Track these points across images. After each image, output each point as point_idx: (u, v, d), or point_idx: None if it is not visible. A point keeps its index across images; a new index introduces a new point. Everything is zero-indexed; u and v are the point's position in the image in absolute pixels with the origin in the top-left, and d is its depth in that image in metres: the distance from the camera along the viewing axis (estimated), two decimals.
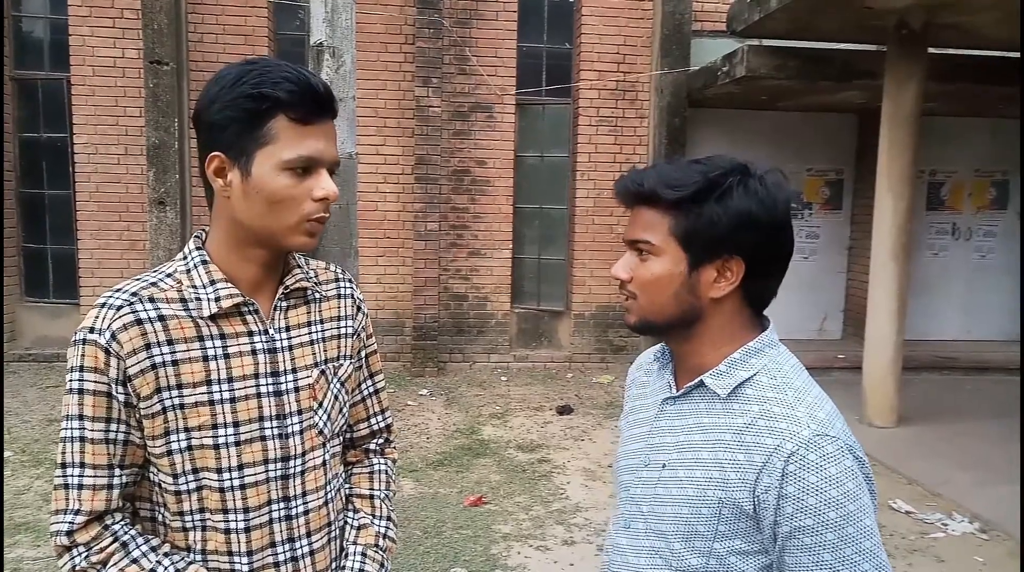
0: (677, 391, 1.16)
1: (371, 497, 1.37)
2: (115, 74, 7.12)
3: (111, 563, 1.08)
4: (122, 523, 1.11)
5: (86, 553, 1.08)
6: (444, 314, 7.60)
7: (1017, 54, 6.07)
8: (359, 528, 1.32)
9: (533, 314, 7.93)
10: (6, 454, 4.76)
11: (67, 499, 1.08)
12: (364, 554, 1.29)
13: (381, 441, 1.42)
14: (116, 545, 1.09)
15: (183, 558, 1.13)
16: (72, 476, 1.08)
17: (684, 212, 1.07)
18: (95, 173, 7.22)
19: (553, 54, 7.85)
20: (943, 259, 8.77)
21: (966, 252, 8.82)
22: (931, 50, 5.73)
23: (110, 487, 1.09)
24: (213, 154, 1.09)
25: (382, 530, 1.35)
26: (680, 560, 1.10)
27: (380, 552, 1.32)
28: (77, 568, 1.08)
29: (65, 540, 1.08)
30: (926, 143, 6.94)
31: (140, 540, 1.11)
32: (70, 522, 1.08)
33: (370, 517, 1.35)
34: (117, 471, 1.10)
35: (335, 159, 1.14)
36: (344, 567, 1.27)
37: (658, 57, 7.43)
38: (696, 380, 1.12)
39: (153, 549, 1.11)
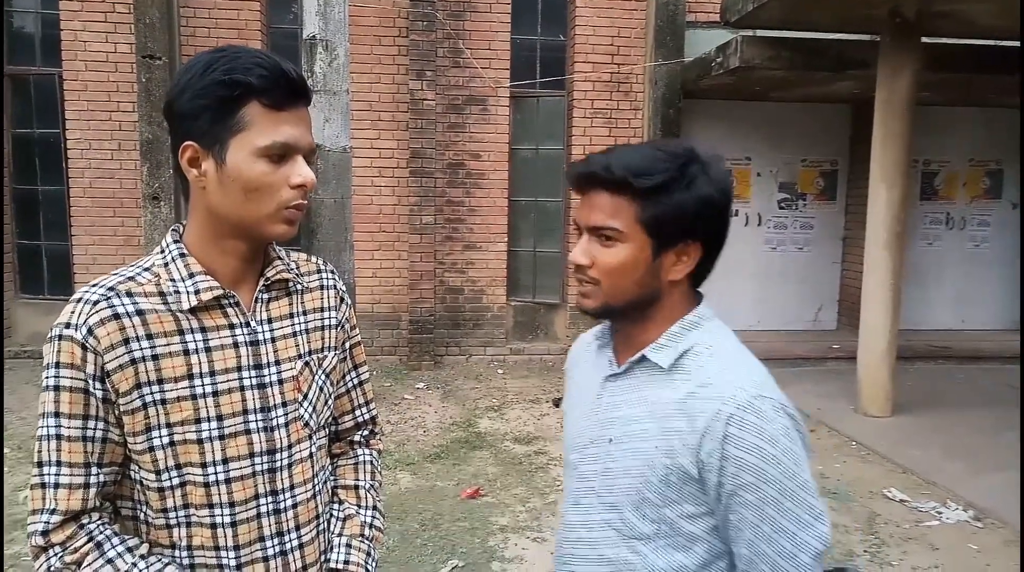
0: (618, 368, 1.20)
1: (356, 488, 1.36)
2: (107, 69, 7.09)
3: (85, 563, 1.06)
4: (99, 523, 1.09)
5: (60, 553, 1.05)
6: (440, 307, 7.61)
7: (1011, 43, 6.08)
8: (344, 519, 1.32)
9: (529, 307, 7.94)
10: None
11: (43, 498, 1.06)
12: (349, 544, 1.29)
13: (366, 433, 1.42)
14: (90, 545, 1.06)
15: (160, 559, 1.11)
16: (48, 475, 1.06)
17: (653, 200, 1.09)
18: (88, 169, 7.20)
19: (547, 46, 7.84)
20: (937, 249, 8.81)
21: (960, 242, 8.85)
22: (924, 39, 5.73)
23: (87, 486, 1.07)
24: (186, 144, 1.08)
25: (368, 520, 1.34)
26: (632, 529, 1.14)
27: (366, 542, 1.31)
28: (52, 569, 1.06)
29: (40, 540, 1.05)
30: (920, 133, 6.96)
31: (116, 540, 1.09)
32: (45, 522, 1.05)
33: (355, 508, 1.34)
34: (95, 469, 1.08)
35: (311, 146, 1.13)
36: (330, 559, 1.26)
37: (652, 48, 7.42)
38: (638, 355, 1.16)
39: (129, 550, 1.09)
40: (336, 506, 1.33)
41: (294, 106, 1.09)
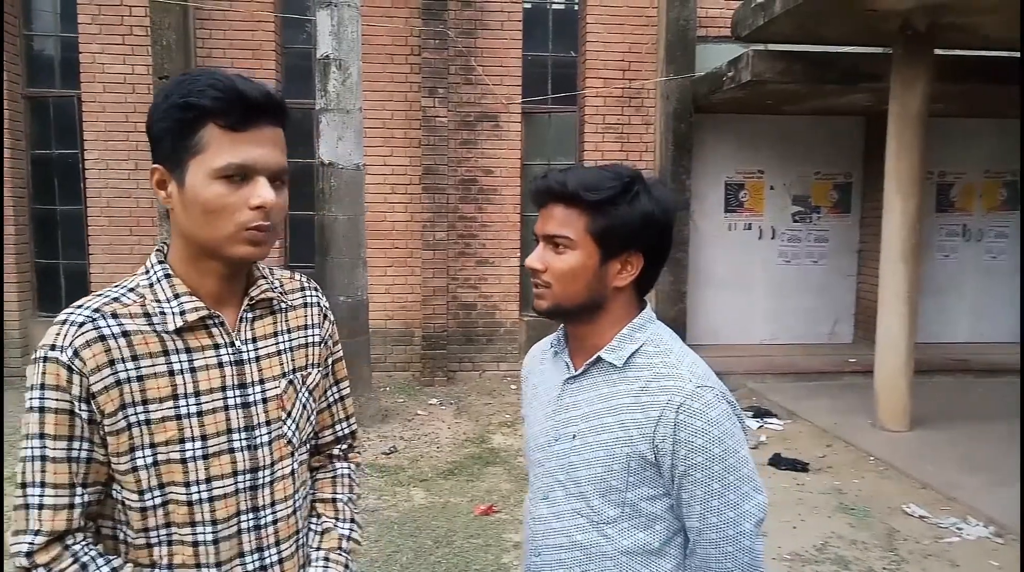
0: (576, 370, 1.33)
1: (333, 501, 1.37)
2: (125, 90, 7.20)
3: None
4: (83, 544, 1.09)
5: None
6: (453, 323, 7.62)
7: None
8: (322, 533, 1.32)
9: (542, 322, 7.92)
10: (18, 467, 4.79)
11: (27, 519, 1.06)
12: (327, 558, 1.29)
13: (344, 447, 1.43)
14: (75, 567, 1.06)
15: None
16: (32, 496, 1.06)
17: (601, 212, 1.23)
18: (106, 188, 7.29)
19: (558, 62, 7.88)
20: (954, 261, 8.72)
21: (977, 253, 8.77)
22: (937, 51, 5.71)
23: (71, 507, 1.07)
24: (153, 166, 1.10)
25: (345, 532, 1.35)
26: (599, 514, 1.27)
27: (344, 554, 1.32)
28: None
29: (24, 561, 1.05)
30: (934, 145, 6.93)
31: (101, 561, 1.09)
32: (30, 543, 1.05)
33: (333, 521, 1.34)
34: (79, 490, 1.08)
35: (277, 166, 1.11)
36: None
37: (663, 63, 7.45)
38: (594, 357, 1.30)
39: (114, 571, 1.09)
40: (314, 520, 1.33)
41: (256, 127, 1.08)
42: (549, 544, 1.34)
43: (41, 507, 1.06)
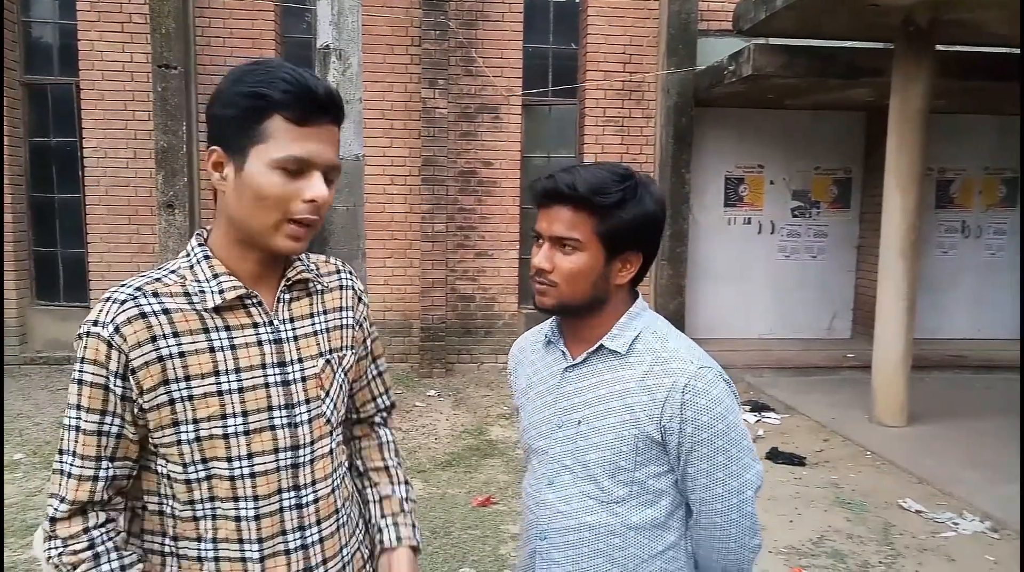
0: (575, 359, 1.38)
1: (386, 468, 1.43)
2: (124, 78, 7.17)
3: (80, 569, 1.10)
4: (103, 531, 1.13)
5: (61, 550, 1.11)
6: (451, 315, 7.62)
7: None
8: (382, 500, 1.40)
9: (540, 315, 7.91)
10: (17, 456, 4.80)
11: (59, 484, 1.12)
12: (396, 523, 1.37)
13: (385, 415, 1.49)
14: (89, 554, 1.11)
15: None
16: (65, 463, 1.12)
17: (609, 215, 1.27)
18: (104, 177, 7.26)
19: (559, 55, 7.85)
20: (953, 257, 8.73)
21: (976, 250, 8.77)
22: (938, 47, 5.70)
23: (95, 479, 1.11)
24: (212, 148, 1.13)
25: (403, 495, 1.42)
26: (609, 494, 1.33)
27: (408, 515, 1.40)
28: (52, 560, 1.11)
29: (47, 527, 1.12)
30: (935, 141, 6.92)
31: (114, 556, 1.12)
32: (55, 508, 1.11)
33: (390, 486, 1.42)
34: (105, 463, 1.12)
35: (332, 163, 1.14)
36: (382, 540, 1.35)
37: (664, 57, 7.42)
38: (596, 345, 1.35)
39: (124, 568, 1.13)
40: (370, 490, 1.41)
41: (318, 123, 1.11)
42: (556, 527, 1.37)
43: (69, 475, 1.12)
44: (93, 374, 1.09)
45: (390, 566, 1.34)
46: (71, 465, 1.11)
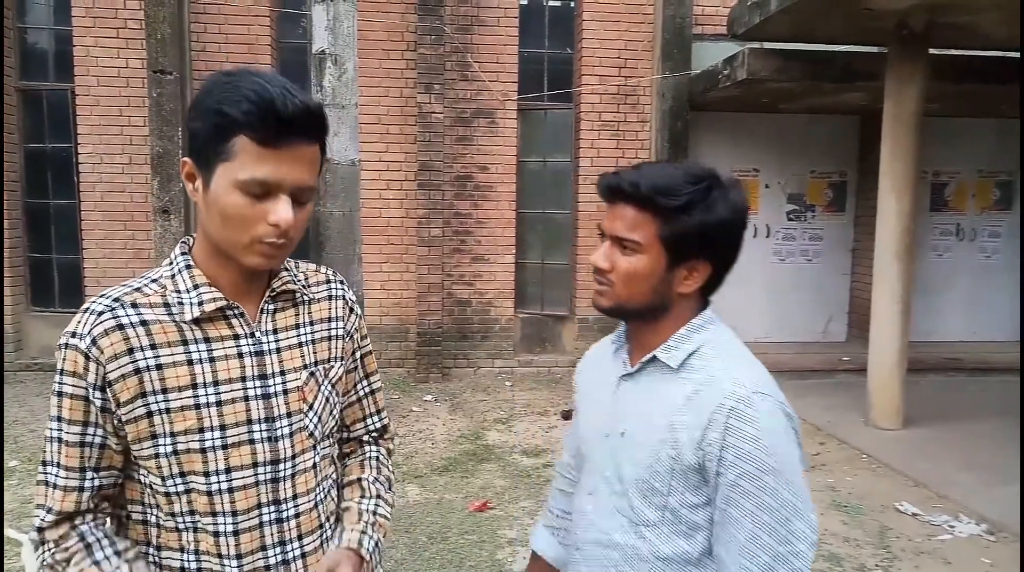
0: (632, 368, 1.29)
1: (359, 481, 1.36)
2: (119, 84, 7.17)
3: (73, 562, 1.10)
4: (91, 524, 1.13)
5: (53, 550, 1.11)
6: (448, 320, 7.61)
7: (1018, 54, 6.07)
8: (344, 511, 1.31)
9: (537, 319, 7.93)
10: (12, 463, 4.78)
11: (44, 495, 1.12)
12: (345, 529, 1.27)
13: (375, 436, 1.43)
14: (80, 545, 1.11)
15: (147, 564, 1.14)
16: (50, 474, 1.12)
17: (674, 218, 1.17)
18: (100, 182, 7.26)
19: (554, 59, 7.87)
20: (947, 260, 8.76)
21: (970, 253, 8.80)
22: (932, 51, 5.72)
23: (81, 489, 1.11)
24: (184, 159, 1.11)
25: (367, 507, 1.32)
26: (639, 515, 1.23)
27: (363, 524, 1.29)
28: (46, 563, 1.11)
29: (35, 536, 1.12)
30: (929, 144, 6.94)
31: (106, 542, 1.12)
32: (42, 519, 1.11)
33: (355, 501, 1.32)
34: (90, 474, 1.11)
35: (302, 185, 1.08)
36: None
37: (659, 61, 7.45)
38: (649, 355, 1.26)
39: (117, 553, 1.12)
40: (341, 504, 1.33)
41: (288, 144, 1.05)
42: (589, 539, 1.31)
43: (55, 486, 1.11)
44: (73, 386, 1.08)
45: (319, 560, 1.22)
46: (55, 476, 1.11)
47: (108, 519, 1.17)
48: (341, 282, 1.34)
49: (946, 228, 8.75)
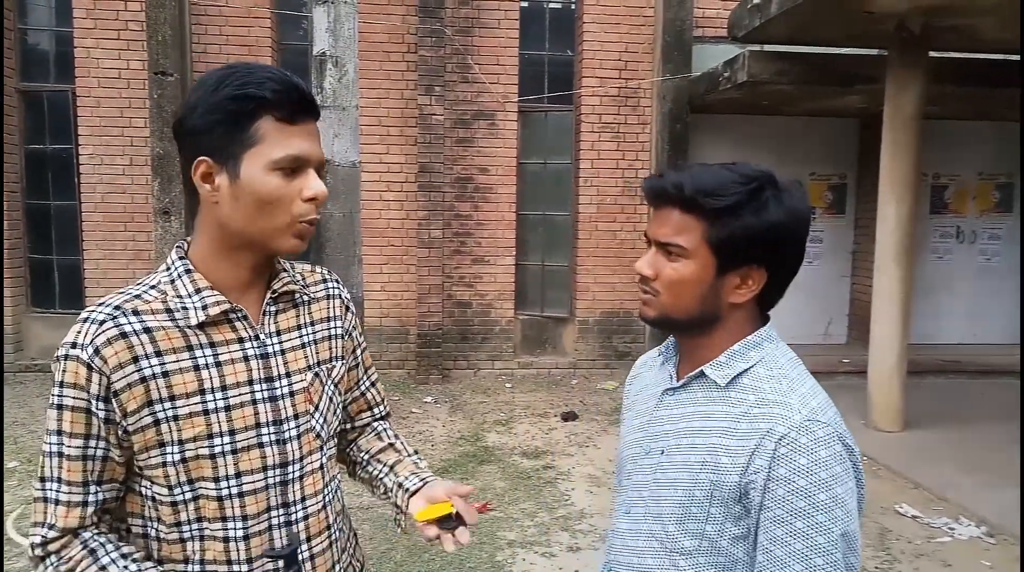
0: (677, 382, 1.21)
1: (391, 446, 1.41)
2: (120, 85, 7.17)
3: (78, 569, 1.07)
4: (94, 532, 1.10)
5: (56, 563, 1.07)
6: (448, 321, 7.61)
7: (1018, 56, 6.07)
8: (393, 464, 1.36)
9: (537, 321, 7.94)
10: (12, 464, 4.78)
11: (44, 512, 1.08)
12: (414, 473, 1.33)
13: (382, 421, 1.47)
14: (84, 552, 1.08)
15: (154, 566, 1.11)
16: (50, 490, 1.08)
17: (721, 221, 1.09)
18: (100, 184, 7.26)
19: (555, 61, 7.88)
20: (947, 262, 8.76)
21: (970, 255, 8.80)
22: (932, 53, 5.73)
23: (84, 504, 1.08)
24: (199, 159, 1.08)
25: (416, 459, 1.39)
26: (674, 542, 1.14)
27: (425, 470, 1.36)
28: None
29: (39, 551, 1.08)
30: (929, 147, 6.94)
31: (110, 547, 1.09)
32: (44, 536, 1.07)
33: (398, 454, 1.39)
34: (93, 488, 1.09)
35: (321, 159, 1.14)
36: (408, 488, 1.30)
37: (660, 63, 7.45)
38: (697, 370, 1.17)
39: (123, 556, 1.10)
40: (380, 467, 1.37)
41: (305, 120, 1.10)
42: (622, 561, 1.24)
43: (57, 502, 1.08)
44: (74, 398, 1.05)
45: (426, 496, 1.26)
46: (57, 492, 1.08)
47: (119, 535, 1.15)
48: (337, 281, 1.35)
49: (946, 231, 8.76)
